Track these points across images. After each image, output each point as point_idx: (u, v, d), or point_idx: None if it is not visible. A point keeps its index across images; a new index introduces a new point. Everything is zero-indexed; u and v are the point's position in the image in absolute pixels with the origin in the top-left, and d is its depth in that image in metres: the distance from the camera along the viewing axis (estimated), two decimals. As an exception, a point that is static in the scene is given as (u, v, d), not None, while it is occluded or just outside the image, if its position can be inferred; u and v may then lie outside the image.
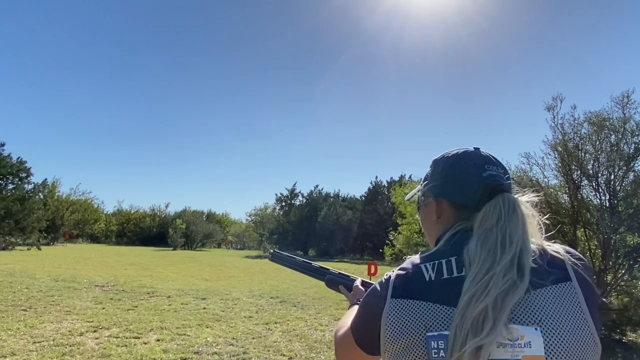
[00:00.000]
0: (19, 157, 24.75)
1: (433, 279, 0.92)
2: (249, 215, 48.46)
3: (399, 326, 0.90)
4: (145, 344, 5.90)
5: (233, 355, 5.56)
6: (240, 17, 67.15)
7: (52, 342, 5.70)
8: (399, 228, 18.72)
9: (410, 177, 34.49)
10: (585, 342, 0.85)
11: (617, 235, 7.47)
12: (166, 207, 50.34)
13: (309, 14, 63.14)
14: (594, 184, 7.79)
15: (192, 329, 6.82)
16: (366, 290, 1.26)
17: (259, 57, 69.66)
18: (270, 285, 12.84)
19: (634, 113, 7.61)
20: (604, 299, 7.62)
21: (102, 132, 69.22)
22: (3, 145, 23.72)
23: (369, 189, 38.88)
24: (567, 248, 0.97)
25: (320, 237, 36.37)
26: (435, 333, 0.86)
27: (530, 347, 0.82)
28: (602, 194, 8.00)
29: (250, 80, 70.88)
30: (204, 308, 8.60)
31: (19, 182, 24.40)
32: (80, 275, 12.78)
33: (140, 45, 65.60)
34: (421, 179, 1.22)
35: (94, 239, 45.08)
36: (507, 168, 1.07)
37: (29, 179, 24.79)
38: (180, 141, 74.29)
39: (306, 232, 36.85)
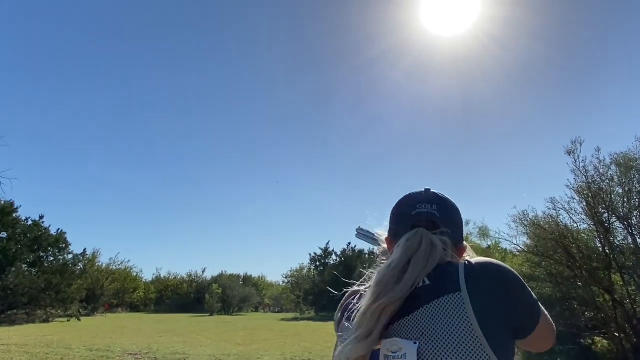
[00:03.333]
0: (58, 229, 25.68)
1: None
2: (285, 277, 48.25)
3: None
4: (171, 411, 5.84)
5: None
6: (259, 75, 69.65)
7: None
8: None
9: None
10: (468, 352, 0.89)
11: (657, 279, 7.13)
12: (203, 272, 50.61)
13: (333, 65, 64.93)
14: (625, 224, 7.55)
15: (219, 395, 6.72)
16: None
17: (282, 113, 71.46)
18: (303, 348, 12.59)
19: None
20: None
21: (138, 201, 71.28)
22: (42, 217, 24.68)
23: (403, 244, 38.27)
24: (483, 258, 1.05)
25: (357, 296, 35.59)
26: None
27: (405, 357, 0.92)
28: (637, 236, 7.71)
29: (276, 139, 72.39)
30: (233, 373, 8.48)
31: (59, 253, 25.17)
32: (115, 344, 12.86)
33: (171, 112, 68.54)
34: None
35: (133, 307, 45.40)
36: (451, 203, 1.19)
37: (68, 249, 25.58)
38: (214, 206, 75.59)
39: (342, 292, 36.18)
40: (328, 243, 41.66)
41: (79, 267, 28.01)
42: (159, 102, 65.60)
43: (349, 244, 40.10)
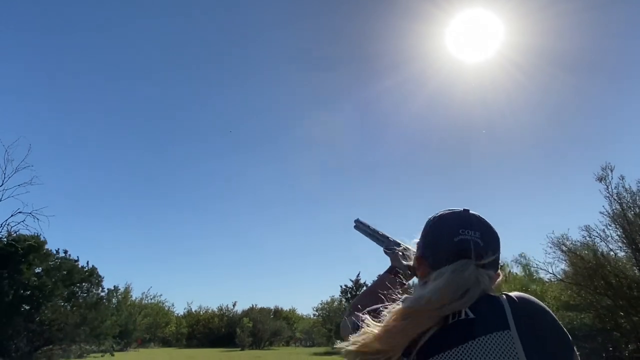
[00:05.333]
0: (88, 262, 26.18)
1: None
2: (316, 310, 47.70)
3: None
4: None
5: None
6: (288, 109, 70.68)
7: None
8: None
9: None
10: None
11: None
12: (234, 305, 50.52)
13: (358, 92, 65.50)
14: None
15: None
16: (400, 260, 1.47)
17: (309, 146, 72.04)
18: (335, 383, 12.38)
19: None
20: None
21: (169, 234, 72.22)
22: (77, 260, 25.24)
23: (435, 274, 37.52)
24: (523, 295, 1.00)
25: (390, 329, 34.88)
26: None
27: None
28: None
29: (303, 171, 72.84)
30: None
31: (92, 288, 25.59)
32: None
33: (203, 148, 69.96)
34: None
35: (165, 342, 45.46)
36: (493, 230, 1.11)
37: (101, 284, 25.99)
38: (245, 238, 76.00)
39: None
40: (359, 274, 41.15)
41: (113, 302, 28.43)
42: (192, 137, 67.22)
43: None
